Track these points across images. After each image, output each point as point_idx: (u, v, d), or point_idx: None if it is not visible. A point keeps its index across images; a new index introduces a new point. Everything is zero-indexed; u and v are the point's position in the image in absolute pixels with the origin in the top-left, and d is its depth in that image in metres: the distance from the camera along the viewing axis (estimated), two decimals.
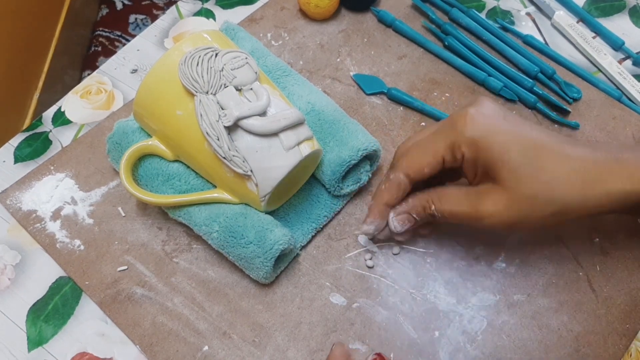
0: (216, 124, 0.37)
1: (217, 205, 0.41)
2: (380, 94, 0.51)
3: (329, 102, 0.46)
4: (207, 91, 0.38)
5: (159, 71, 0.39)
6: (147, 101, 0.40)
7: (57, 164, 0.48)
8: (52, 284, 0.43)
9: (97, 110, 0.51)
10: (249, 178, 0.39)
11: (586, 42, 0.55)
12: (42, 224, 0.45)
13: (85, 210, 0.45)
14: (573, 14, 0.57)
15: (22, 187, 0.46)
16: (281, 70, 0.47)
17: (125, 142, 0.44)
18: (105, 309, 0.41)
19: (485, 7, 0.58)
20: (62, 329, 0.41)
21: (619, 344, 0.39)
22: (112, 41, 1.40)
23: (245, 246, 0.39)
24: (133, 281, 0.42)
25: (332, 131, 0.44)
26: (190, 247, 0.43)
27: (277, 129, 0.38)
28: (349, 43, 0.55)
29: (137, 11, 1.45)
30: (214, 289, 0.42)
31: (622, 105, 0.51)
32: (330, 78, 0.52)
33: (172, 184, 0.42)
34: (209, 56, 0.39)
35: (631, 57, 0.54)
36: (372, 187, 0.46)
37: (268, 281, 0.41)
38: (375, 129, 0.49)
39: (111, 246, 0.44)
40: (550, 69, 0.51)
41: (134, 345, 0.40)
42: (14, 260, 0.44)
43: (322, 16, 0.55)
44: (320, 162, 0.43)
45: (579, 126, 0.49)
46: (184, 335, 0.40)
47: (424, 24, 0.56)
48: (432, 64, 0.53)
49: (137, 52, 0.55)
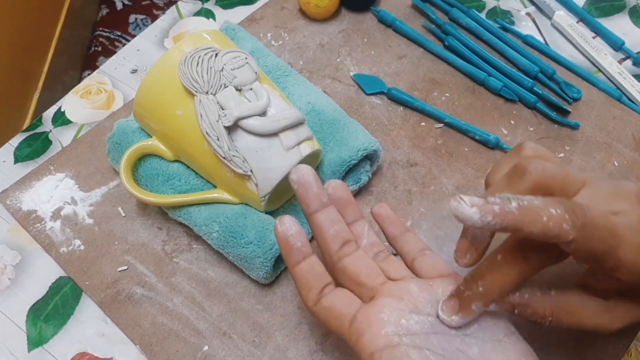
0: (216, 124, 0.37)
1: (217, 206, 0.41)
2: (380, 94, 0.51)
3: (329, 102, 0.46)
4: (207, 91, 0.38)
5: (159, 71, 0.39)
6: (147, 101, 0.40)
7: (57, 164, 0.48)
8: (52, 284, 0.43)
9: (97, 110, 0.51)
10: (249, 178, 0.39)
11: (586, 42, 0.55)
12: (42, 224, 0.45)
13: (85, 210, 0.45)
14: (573, 14, 0.57)
15: (22, 187, 0.46)
16: (281, 70, 0.47)
17: (125, 142, 0.44)
18: (105, 309, 0.41)
19: (485, 7, 0.58)
20: (62, 329, 0.41)
21: (619, 344, 0.39)
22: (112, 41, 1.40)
23: (245, 246, 0.39)
24: (133, 281, 0.42)
25: (332, 131, 0.44)
26: (190, 247, 0.43)
27: (277, 129, 0.38)
28: (349, 43, 0.55)
29: (137, 11, 1.45)
30: (214, 289, 0.42)
31: (622, 105, 0.51)
32: (330, 78, 0.52)
33: (172, 184, 0.42)
34: (209, 56, 0.39)
35: (631, 57, 0.54)
36: (372, 187, 0.46)
37: (268, 281, 0.41)
38: (375, 129, 0.49)
39: (111, 246, 0.44)
40: (550, 69, 0.51)
41: (134, 345, 0.40)
42: (14, 260, 0.44)
43: (322, 16, 0.55)
44: (320, 162, 0.43)
45: (579, 126, 0.49)
46: (184, 335, 0.40)
47: (424, 24, 0.56)
48: (432, 64, 0.53)
49: (137, 52, 0.55)
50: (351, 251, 0.33)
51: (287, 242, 0.33)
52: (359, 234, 0.36)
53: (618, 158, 0.48)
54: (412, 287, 0.32)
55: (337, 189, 0.36)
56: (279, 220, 0.33)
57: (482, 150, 0.48)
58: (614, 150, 0.48)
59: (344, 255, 0.33)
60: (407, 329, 0.30)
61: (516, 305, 0.31)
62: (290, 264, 0.33)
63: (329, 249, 0.33)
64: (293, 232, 0.32)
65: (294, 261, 0.33)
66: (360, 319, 0.31)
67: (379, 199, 0.45)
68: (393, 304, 0.31)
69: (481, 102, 0.51)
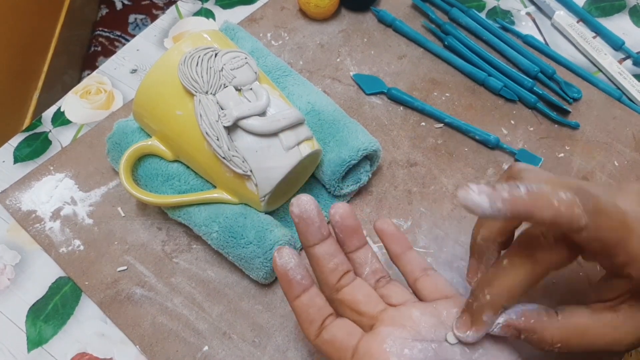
0: (216, 124, 0.37)
1: (216, 206, 0.41)
2: (380, 94, 0.51)
3: (328, 102, 0.46)
4: (207, 91, 0.38)
5: (158, 71, 0.39)
6: (146, 101, 0.40)
7: (56, 164, 0.47)
8: (51, 284, 0.42)
9: (96, 110, 0.51)
10: (249, 178, 0.39)
11: (586, 42, 0.54)
12: (42, 224, 0.45)
13: (85, 211, 0.45)
14: (573, 14, 0.57)
15: (21, 187, 0.46)
16: (281, 70, 0.47)
17: (125, 142, 0.44)
18: (105, 309, 0.41)
19: (485, 6, 0.58)
20: (62, 329, 0.41)
21: None
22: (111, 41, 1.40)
23: (245, 246, 0.39)
24: (133, 281, 0.42)
25: (332, 131, 0.44)
26: (190, 247, 0.43)
27: (277, 129, 0.38)
28: (349, 43, 0.55)
29: (137, 11, 1.45)
30: (213, 289, 0.42)
31: (623, 105, 0.51)
32: (330, 78, 0.52)
33: (171, 184, 0.42)
34: (208, 56, 0.39)
35: (631, 57, 0.54)
36: (372, 187, 0.46)
37: (268, 281, 0.41)
38: (375, 129, 0.49)
39: (111, 246, 0.43)
40: (550, 69, 0.51)
41: (134, 345, 0.40)
42: (13, 260, 0.44)
43: (322, 16, 0.55)
44: (320, 162, 0.43)
45: (579, 126, 0.49)
46: (184, 335, 0.40)
47: (424, 24, 0.56)
48: (432, 64, 0.53)
49: (136, 52, 0.55)
50: (349, 281, 0.33)
51: (286, 276, 0.32)
52: (362, 262, 0.35)
53: (618, 158, 0.47)
54: (414, 312, 0.31)
55: (345, 217, 0.34)
56: (277, 253, 0.32)
57: (482, 150, 0.48)
58: (614, 150, 0.48)
59: (342, 286, 0.33)
60: (410, 358, 0.29)
61: (522, 330, 0.30)
62: (290, 298, 0.32)
63: (327, 282, 0.33)
64: (292, 265, 0.31)
65: (294, 295, 0.32)
66: (362, 350, 0.30)
67: (379, 199, 0.45)
68: (395, 333, 0.30)
69: (481, 102, 0.51)
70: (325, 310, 0.32)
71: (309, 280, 0.32)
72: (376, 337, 0.30)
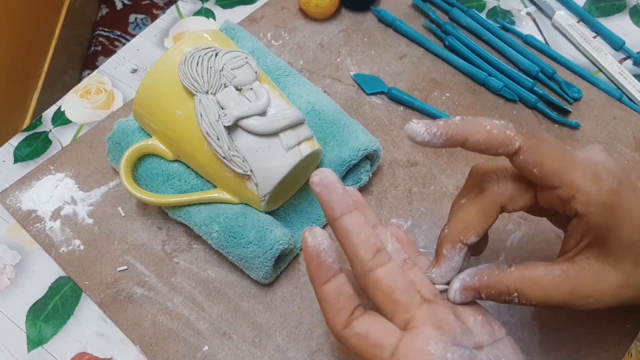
0: (216, 124, 0.37)
1: (217, 205, 0.41)
2: (381, 94, 0.51)
3: (329, 102, 0.46)
4: (207, 91, 0.38)
5: (159, 71, 0.39)
6: (147, 101, 0.40)
7: (56, 163, 0.47)
8: (52, 284, 0.42)
9: (97, 110, 0.51)
10: (249, 178, 0.39)
11: (587, 42, 0.54)
12: (42, 224, 0.45)
13: (85, 210, 0.45)
14: (573, 14, 0.57)
15: (21, 187, 0.46)
16: (281, 70, 0.47)
17: (125, 142, 0.44)
18: (105, 309, 0.41)
19: (486, 6, 0.58)
20: (62, 329, 0.41)
21: (619, 344, 0.39)
22: (112, 41, 1.40)
23: (245, 246, 0.39)
24: (133, 281, 0.42)
25: (332, 131, 0.44)
26: (190, 247, 0.43)
27: (277, 129, 0.38)
28: (349, 43, 0.55)
29: (137, 11, 1.45)
30: (214, 289, 0.42)
31: (623, 105, 0.50)
32: (330, 78, 0.52)
33: (172, 184, 0.42)
34: (208, 56, 0.39)
35: (632, 57, 0.54)
36: (372, 187, 0.46)
37: (268, 281, 0.41)
38: (376, 129, 0.49)
39: (111, 246, 0.43)
40: (550, 69, 0.51)
41: (134, 345, 0.40)
42: (13, 260, 0.44)
43: (322, 16, 0.55)
44: (321, 162, 0.43)
45: (580, 126, 0.49)
46: (184, 335, 0.40)
47: (424, 24, 0.56)
48: (433, 64, 0.53)
49: (137, 51, 0.55)
50: (384, 261, 0.30)
51: (317, 258, 0.29)
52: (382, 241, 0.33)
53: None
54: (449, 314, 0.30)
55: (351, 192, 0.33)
56: (309, 233, 0.29)
57: None
58: (615, 150, 0.48)
59: (377, 265, 0.29)
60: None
61: (478, 289, 0.31)
62: (318, 282, 0.29)
63: (359, 257, 0.29)
64: (325, 247, 0.29)
65: (323, 279, 0.29)
66: (404, 351, 0.28)
67: (379, 199, 0.45)
68: (437, 335, 0.28)
69: (481, 102, 0.51)
70: (355, 299, 0.30)
71: (338, 265, 0.29)
72: (418, 337, 0.28)
